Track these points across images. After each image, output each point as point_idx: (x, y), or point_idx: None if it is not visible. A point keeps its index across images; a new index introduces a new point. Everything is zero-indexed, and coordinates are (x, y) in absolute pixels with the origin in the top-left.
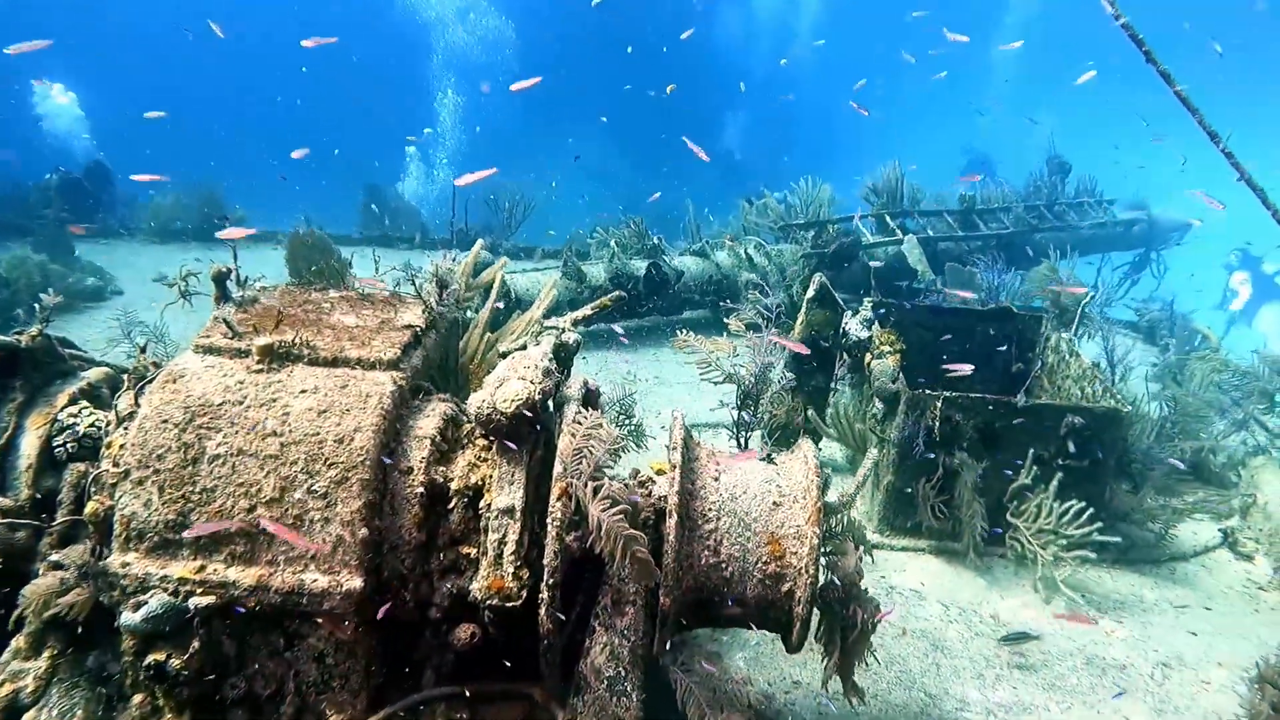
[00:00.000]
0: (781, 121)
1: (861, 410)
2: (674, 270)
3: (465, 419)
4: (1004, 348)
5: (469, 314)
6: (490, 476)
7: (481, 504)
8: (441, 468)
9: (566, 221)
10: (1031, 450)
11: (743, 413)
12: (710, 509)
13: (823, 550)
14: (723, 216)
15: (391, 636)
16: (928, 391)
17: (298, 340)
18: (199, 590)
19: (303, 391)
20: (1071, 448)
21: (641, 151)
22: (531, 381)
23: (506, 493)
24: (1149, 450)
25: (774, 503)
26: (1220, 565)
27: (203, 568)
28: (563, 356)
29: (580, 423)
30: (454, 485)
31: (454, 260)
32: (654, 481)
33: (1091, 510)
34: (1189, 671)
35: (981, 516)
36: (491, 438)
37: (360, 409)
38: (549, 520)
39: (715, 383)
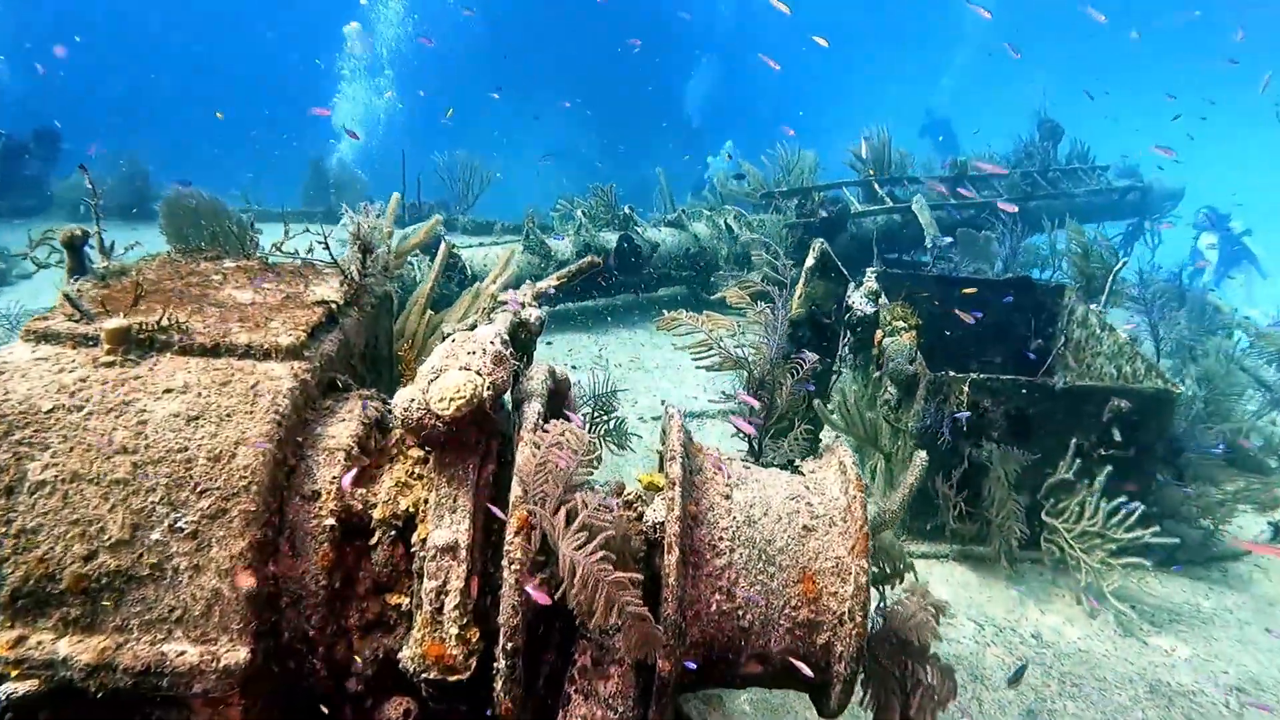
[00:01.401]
0: (742, 86)
1: (870, 395)
2: (648, 243)
3: (394, 423)
4: (1023, 323)
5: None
6: (426, 501)
7: (415, 537)
8: (361, 490)
9: (528, 200)
10: (1074, 440)
11: (755, 407)
12: (721, 537)
13: (872, 588)
14: (687, 186)
15: (297, 718)
16: (951, 373)
17: (166, 322)
18: (14, 672)
19: (168, 391)
20: (1116, 435)
21: (605, 124)
22: (479, 372)
23: (447, 523)
24: (1185, 435)
25: (804, 527)
26: (1276, 564)
27: (21, 640)
28: (522, 339)
29: (545, 429)
30: (377, 513)
31: (379, 216)
32: (644, 501)
33: (1142, 508)
34: (1268, 697)
35: (1018, 517)
36: (427, 449)
37: (246, 414)
38: (505, 561)
39: (713, 369)
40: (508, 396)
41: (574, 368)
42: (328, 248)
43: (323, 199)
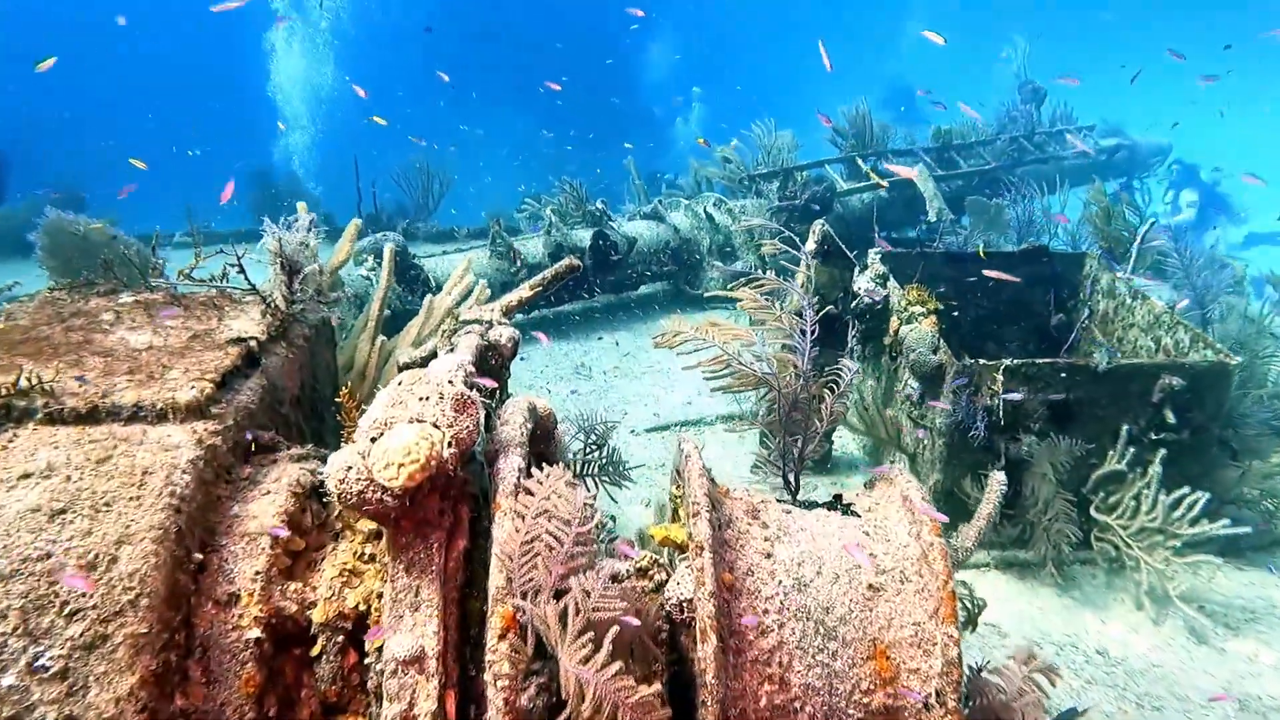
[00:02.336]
0: (697, 67)
1: (884, 390)
2: (624, 239)
3: (330, 497)
4: (1041, 297)
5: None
6: (381, 595)
7: (369, 644)
8: (295, 586)
9: (490, 204)
10: (1126, 427)
11: (787, 434)
12: (767, 610)
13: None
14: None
15: None
16: (982, 361)
17: (27, 382)
18: None
19: (24, 478)
20: (1170, 416)
21: (566, 114)
22: (437, 423)
23: (409, 625)
24: (1239, 409)
25: (870, 586)
26: None
27: None
28: (493, 365)
29: (529, 490)
30: (318, 614)
31: (312, 232)
32: (661, 565)
33: (1206, 498)
34: None
35: (1068, 516)
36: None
37: (132, 500)
38: (489, 675)
39: (731, 391)
40: (480, 445)
41: (549, 391)
42: (242, 271)
43: (273, 215)
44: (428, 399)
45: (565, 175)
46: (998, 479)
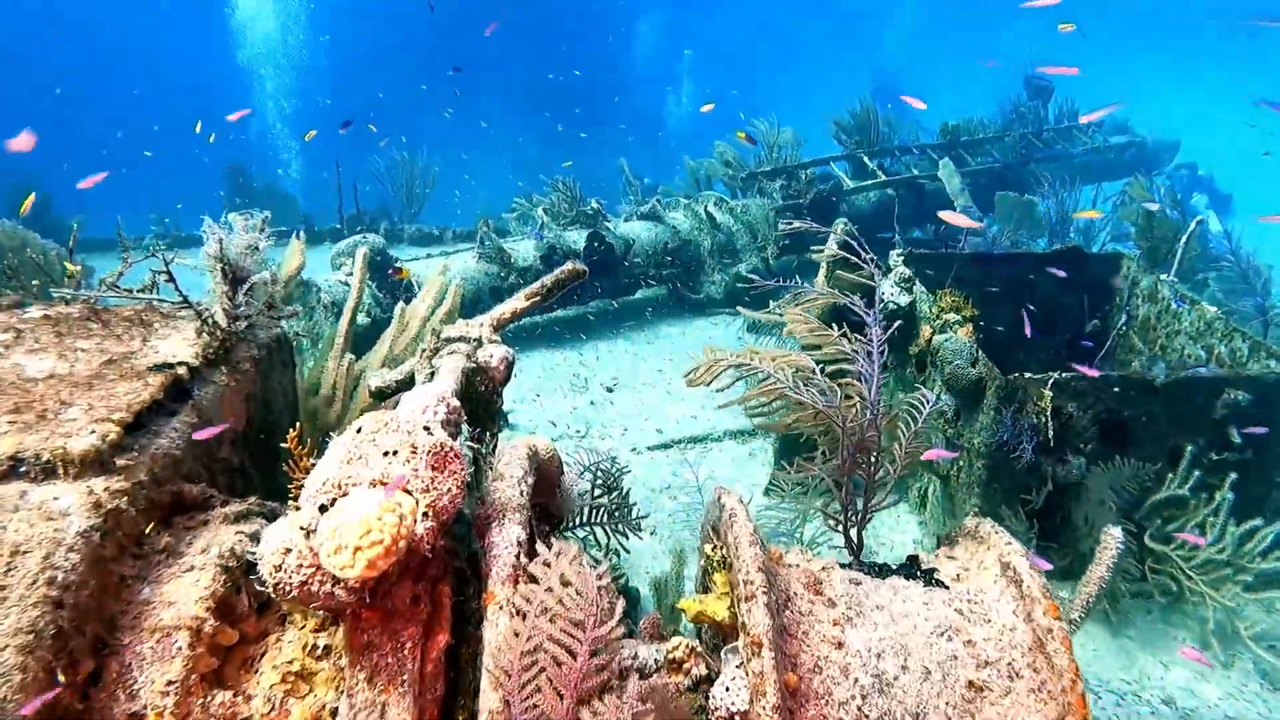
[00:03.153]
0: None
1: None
2: (621, 240)
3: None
4: (1075, 303)
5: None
6: (334, 711)
7: None
8: (223, 697)
9: (479, 204)
10: (1190, 446)
11: (854, 480)
12: (842, 718)
13: None
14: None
15: None
16: (1028, 375)
17: None
18: None
19: None
20: (1235, 435)
21: (548, 123)
22: (410, 488)
23: None
24: None
25: (970, 685)
26: None
27: None
28: (482, 393)
29: (533, 576)
30: None
31: (263, 233)
32: (696, 654)
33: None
34: None
35: (1125, 549)
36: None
37: None
38: None
39: (787, 432)
40: (471, 505)
41: (537, 398)
42: (171, 280)
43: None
44: (396, 453)
45: (552, 173)
46: (1113, 537)
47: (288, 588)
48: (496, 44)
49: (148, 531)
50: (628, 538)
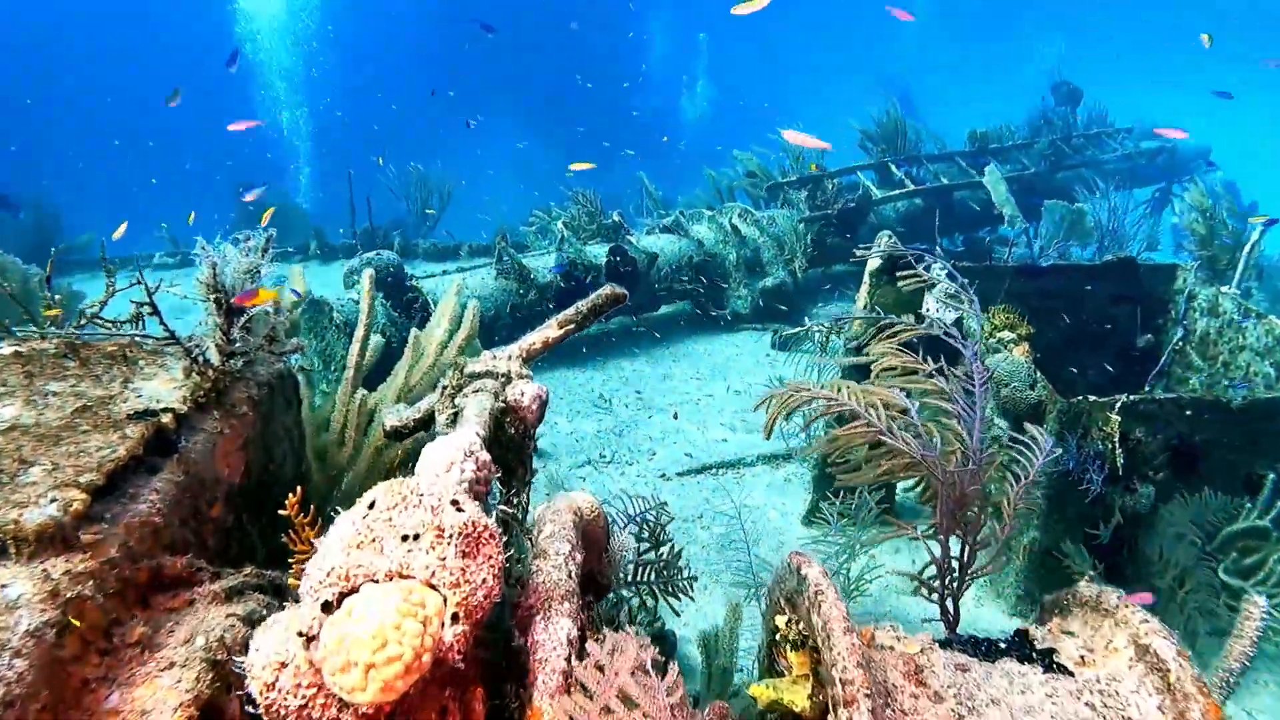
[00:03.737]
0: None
1: None
2: (644, 254)
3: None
4: (1127, 316)
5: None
6: None
7: None
8: None
9: (494, 217)
10: (1271, 474)
11: (953, 541)
12: None
13: None
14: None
15: None
16: (1092, 398)
17: None
18: None
19: None
20: None
21: (563, 134)
22: (433, 580)
23: None
24: None
25: None
26: None
27: None
28: (513, 436)
29: (585, 685)
30: None
31: (265, 254)
32: None
33: None
34: None
35: (1210, 587)
36: None
37: None
38: None
39: (882, 480)
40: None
41: (561, 432)
42: (156, 312)
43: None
44: (417, 537)
45: (580, 187)
46: (1257, 606)
47: (283, 712)
48: (506, 53)
49: (119, 619)
50: (679, 599)
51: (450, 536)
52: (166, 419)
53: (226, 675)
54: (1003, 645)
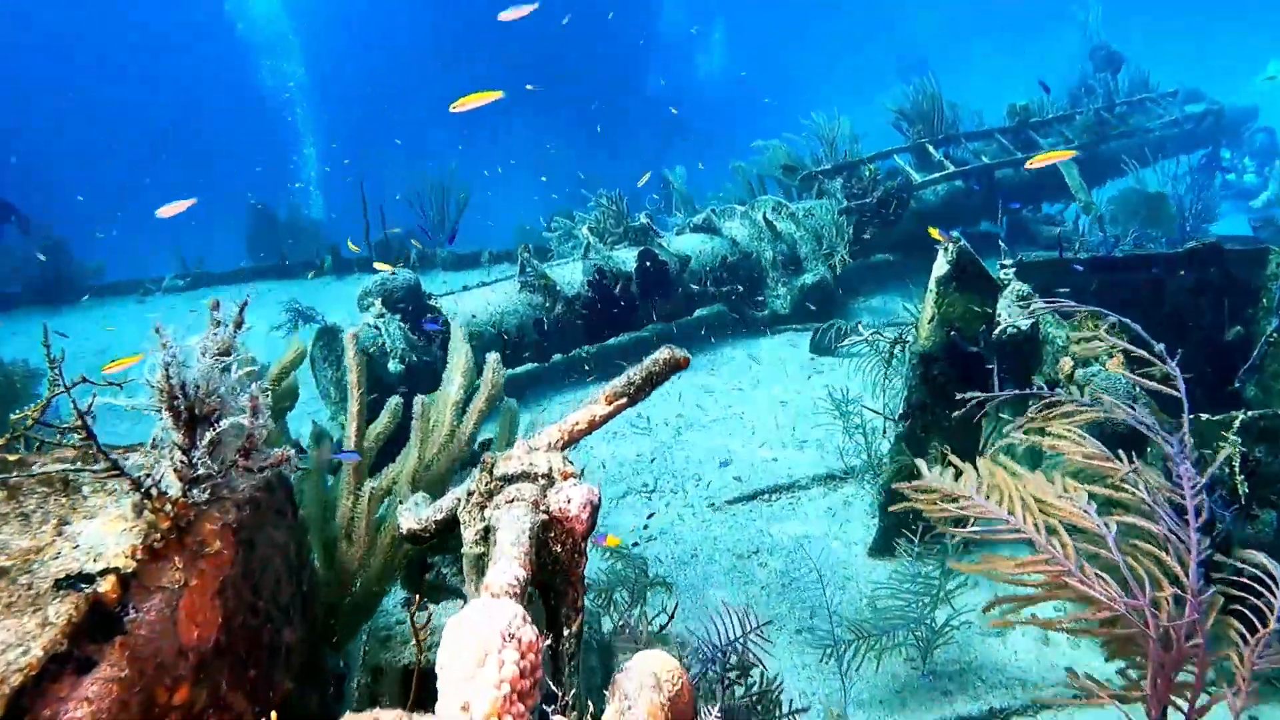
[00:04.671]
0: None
1: (1028, 448)
2: (675, 257)
3: None
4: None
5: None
6: None
7: None
8: None
9: (511, 220)
10: None
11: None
12: None
13: None
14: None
15: None
16: (1205, 416)
17: None
18: None
19: None
20: None
21: (576, 126)
22: None
23: None
24: None
25: None
26: None
27: None
28: (558, 556)
29: None
30: None
31: (240, 327)
32: None
33: None
34: None
35: None
36: None
37: None
38: None
39: (1067, 632)
40: None
41: (598, 458)
42: (91, 438)
43: (272, 251)
44: None
45: (584, 180)
46: None
47: None
48: (515, 43)
49: None
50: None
51: None
52: (107, 585)
53: None
54: None
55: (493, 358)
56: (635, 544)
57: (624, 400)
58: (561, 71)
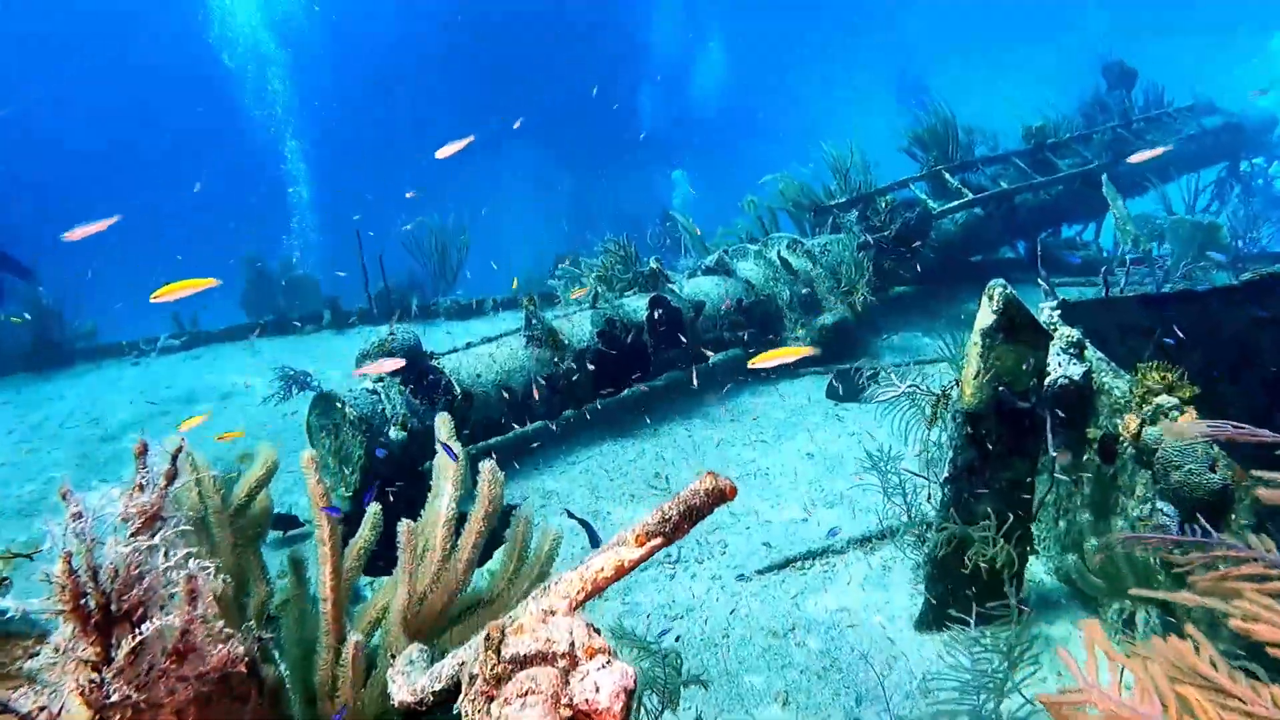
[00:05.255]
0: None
1: (1094, 506)
2: (687, 303)
3: None
4: (1272, 341)
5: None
6: None
7: None
8: None
9: (511, 262)
10: None
11: None
12: None
13: None
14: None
15: None
16: None
17: None
18: None
19: None
20: None
21: (576, 152)
22: None
23: None
24: None
25: None
26: None
27: None
28: None
29: None
30: None
31: (173, 480)
32: None
33: None
34: None
35: None
36: None
37: None
38: None
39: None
40: None
41: (615, 526)
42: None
43: (268, 304)
44: None
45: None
46: None
47: None
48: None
49: None
50: None
51: None
52: None
53: None
54: None
55: (487, 466)
56: (664, 631)
57: (659, 540)
58: (556, 101)
